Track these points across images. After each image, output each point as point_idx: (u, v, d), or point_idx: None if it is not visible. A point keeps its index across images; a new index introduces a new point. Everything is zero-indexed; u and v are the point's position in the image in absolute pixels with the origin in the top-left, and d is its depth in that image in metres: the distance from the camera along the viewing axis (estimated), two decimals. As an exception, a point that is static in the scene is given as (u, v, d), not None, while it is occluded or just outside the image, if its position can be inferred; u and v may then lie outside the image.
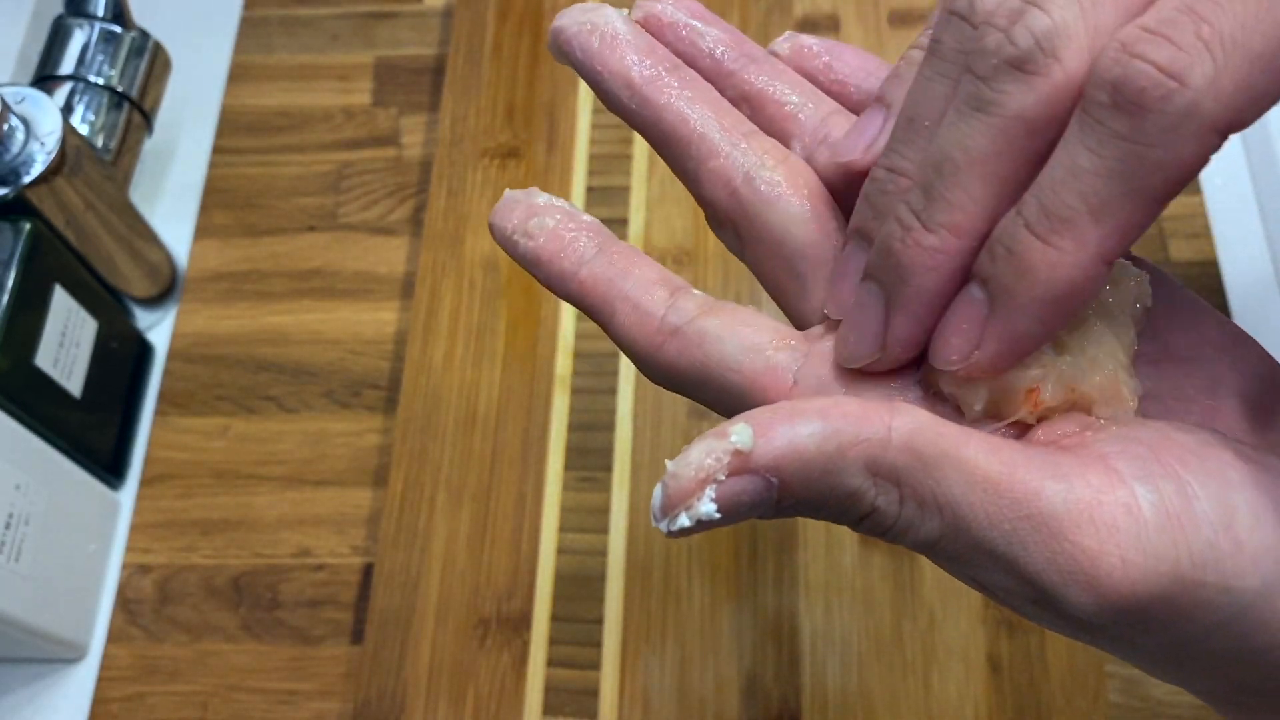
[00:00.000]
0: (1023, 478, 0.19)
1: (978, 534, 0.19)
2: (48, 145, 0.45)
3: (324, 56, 0.61)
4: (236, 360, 0.54)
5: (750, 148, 0.24)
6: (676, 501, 0.19)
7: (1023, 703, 0.43)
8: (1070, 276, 0.19)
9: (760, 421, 0.19)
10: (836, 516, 0.20)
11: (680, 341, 0.22)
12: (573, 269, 0.24)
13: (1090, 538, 0.19)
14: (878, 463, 0.19)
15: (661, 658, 0.45)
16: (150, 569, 0.50)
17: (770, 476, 0.19)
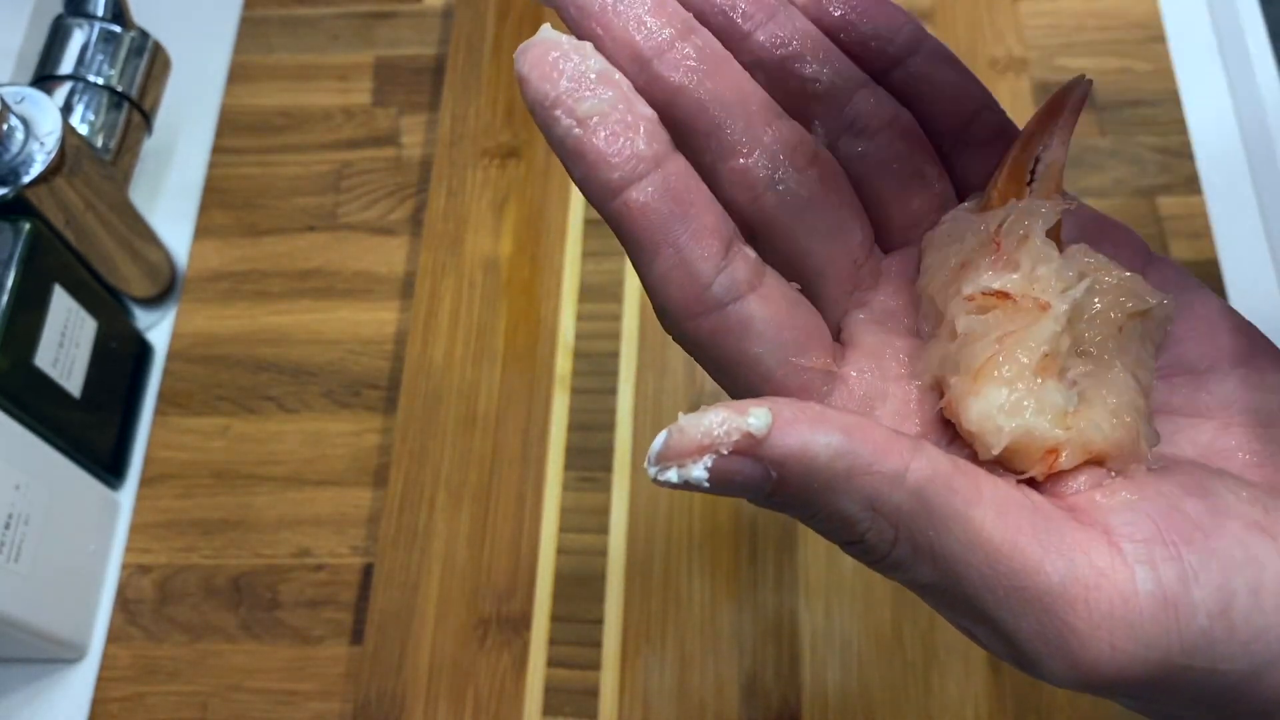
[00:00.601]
0: (1025, 548, 0.19)
1: (969, 592, 0.19)
2: (47, 145, 0.45)
3: (324, 56, 0.61)
4: (236, 360, 0.54)
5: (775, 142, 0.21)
6: (672, 455, 0.18)
7: (1023, 703, 0.43)
8: None
9: (783, 414, 0.18)
10: (823, 531, 0.20)
11: (719, 322, 0.20)
12: (620, 184, 0.20)
13: (1083, 620, 0.18)
14: (882, 499, 0.19)
15: (661, 658, 0.45)
16: (150, 569, 0.50)
17: (771, 469, 0.18)
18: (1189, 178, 0.54)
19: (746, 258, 0.21)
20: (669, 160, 0.20)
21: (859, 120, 0.23)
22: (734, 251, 0.20)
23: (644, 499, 0.48)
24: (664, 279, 0.20)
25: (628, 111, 0.20)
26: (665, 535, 0.47)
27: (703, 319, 0.20)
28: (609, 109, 0.19)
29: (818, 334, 0.21)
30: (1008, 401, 0.21)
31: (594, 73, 0.20)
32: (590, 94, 0.19)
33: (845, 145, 0.23)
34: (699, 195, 0.20)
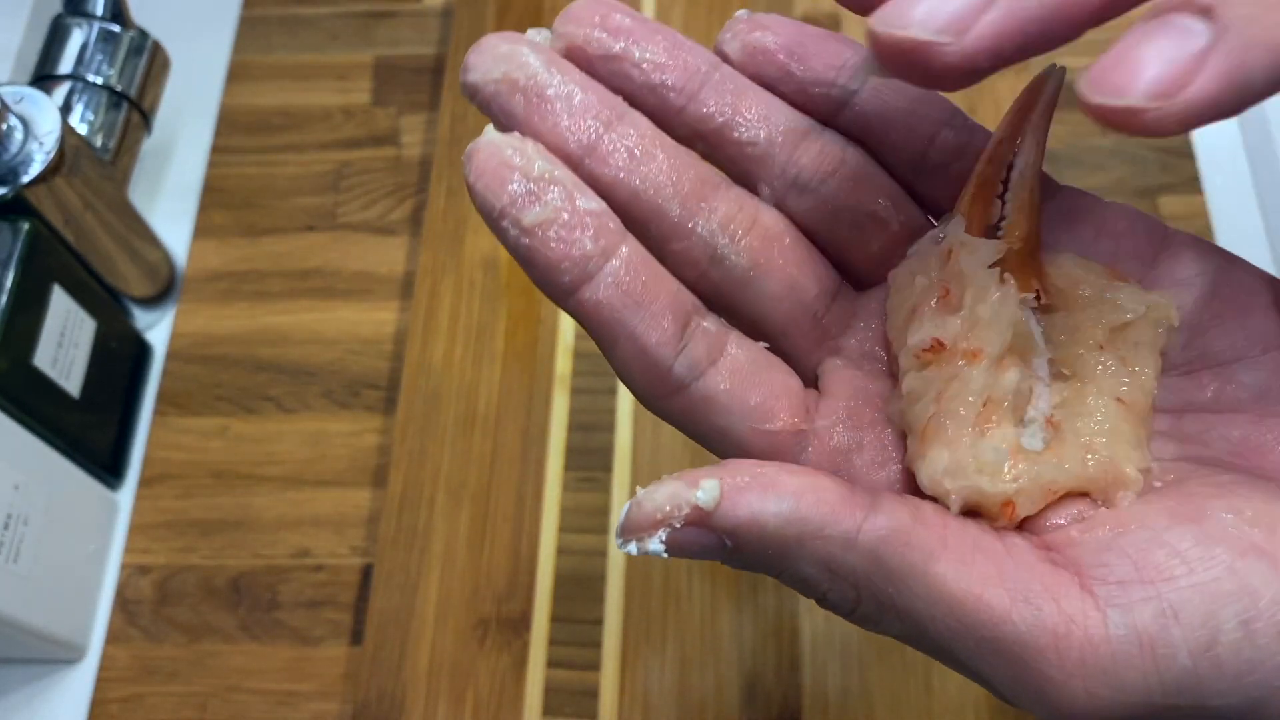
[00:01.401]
0: (989, 601, 0.18)
1: (941, 644, 0.19)
2: (46, 145, 0.45)
3: (323, 56, 0.61)
4: (235, 360, 0.54)
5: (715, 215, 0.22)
6: (630, 531, 0.19)
7: (1023, 703, 0.43)
8: None
9: (734, 484, 0.19)
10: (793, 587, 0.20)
11: (685, 402, 0.21)
12: (572, 285, 0.20)
13: (1055, 669, 0.18)
14: (835, 561, 0.19)
15: (661, 658, 0.45)
16: (149, 569, 0.49)
17: (725, 538, 0.19)
18: (1190, 177, 0.54)
19: (706, 333, 0.21)
20: (619, 250, 0.20)
21: (801, 175, 0.22)
22: (692, 328, 0.21)
23: (644, 499, 0.48)
24: (626, 366, 0.21)
25: (573, 212, 0.20)
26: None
27: (669, 400, 0.21)
28: (554, 215, 0.20)
29: (785, 394, 0.22)
30: (949, 463, 0.20)
31: (537, 175, 0.20)
32: (534, 201, 0.20)
33: (792, 200, 0.23)
34: (652, 279, 0.21)
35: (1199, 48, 0.15)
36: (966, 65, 0.16)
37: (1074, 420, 0.21)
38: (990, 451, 0.20)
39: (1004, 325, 0.21)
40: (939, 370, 0.21)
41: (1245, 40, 0.15)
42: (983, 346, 0.21)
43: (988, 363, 0.21)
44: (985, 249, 0.21)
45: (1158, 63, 0.15)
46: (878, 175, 0.23)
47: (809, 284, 0.22)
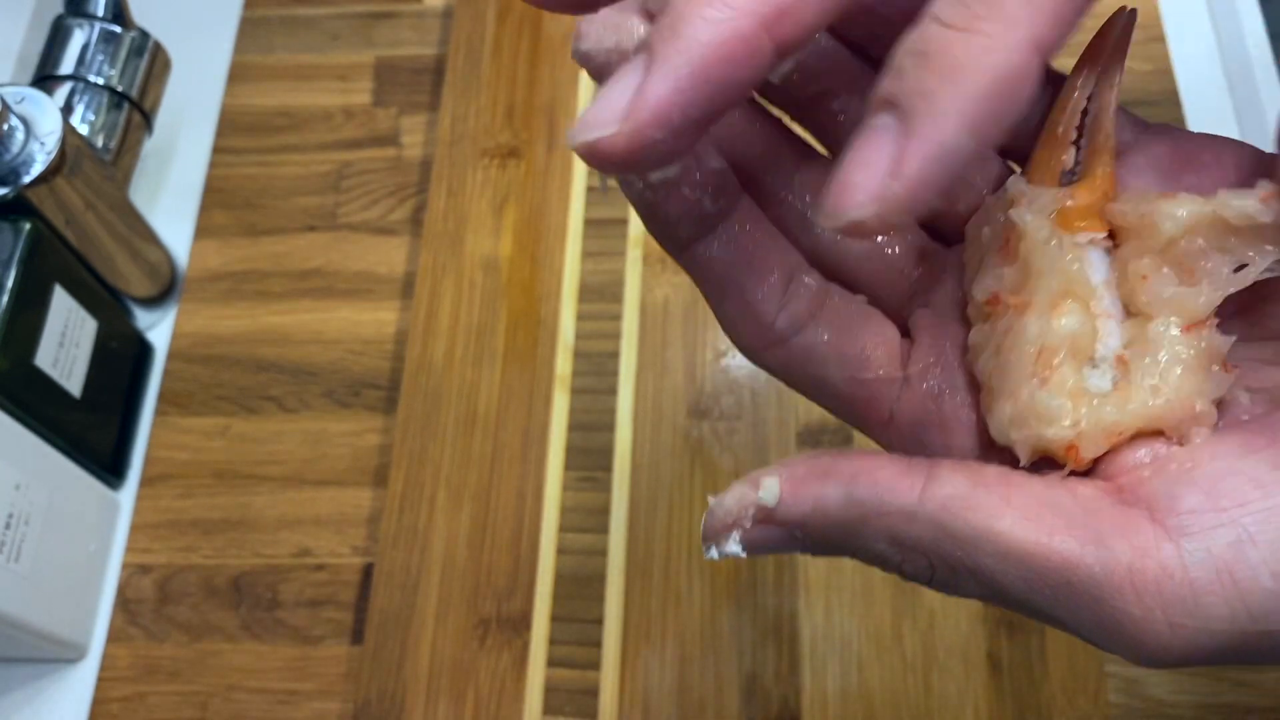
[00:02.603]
0: (1059, 548, 0.18)
1: (1019, 598, 0.19)
2: (47, 145, 0.45)
3: (324, 56, 0.61)
4: (236, 360, 0.54)
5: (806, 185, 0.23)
6: (709, 536, 0.21)
7: (1023, 703, 0.43)
8: (1003, 64, 0.16)
9: (791, 478, 0.20)
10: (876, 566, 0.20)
11: (786, 353, 0.22)
12: (688, 240, 0.22)
13: (1134, 605, 0.18)
14: (901, 535, 0.19)
15: (661, 658, 0.45)
16: (150, 569, 0.50)
17: (794, 530, 0.20)
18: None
19: (808, 288, 0.22)
20: (735, 211, 0.22)
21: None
22: (794, 285, 0.22)
23: (644, 499, 0.48)
24: (732, 319, 0.22)
25: (696, 171, 0.21)
26: (665, 535, 0.47)
27: (771, 352, 0.22)
28: (677, 172, 0.21)
29: (882, 344, 0.22)
30: (1012, 415, 0.21)
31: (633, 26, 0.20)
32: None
33: None
34: (762, 238, 0.22)
35: (894, 144, 0.16)
36: (641, 144, 0.17)
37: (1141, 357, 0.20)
38: (1047, 400, 0.20)
39: (1053, 273, 0.21)
40: (998, 323, 0.21)
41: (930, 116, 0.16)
42: (1032, 297, 0.21)
43: (1039, 312, 0.21)
44: (1042, 198, 0.21)
45: (864, 172, 0.16)
46: None
47: (896, 244, 0.23)
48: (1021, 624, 0.44)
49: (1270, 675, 0.44)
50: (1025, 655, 0.44)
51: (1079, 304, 0.21)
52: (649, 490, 0.48)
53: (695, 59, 0.16)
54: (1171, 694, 0.44)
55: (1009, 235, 0.22)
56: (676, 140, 0.17)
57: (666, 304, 0.52)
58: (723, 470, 0.48)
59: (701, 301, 0.51)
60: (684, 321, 0.51)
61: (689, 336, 0.51)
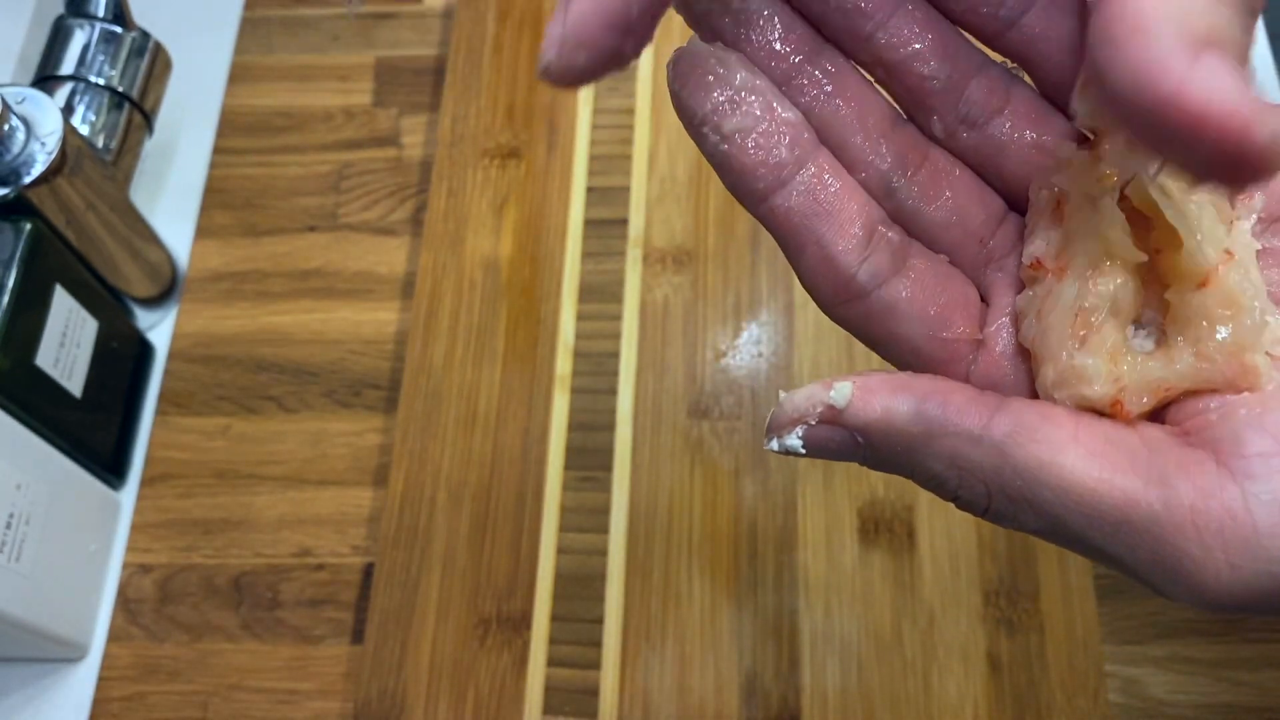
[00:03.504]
0: (1121, 484, 0.19)
1: (1077, 533, 0.19)
2: (48, 145, 0.45)
3: (324, 57, 0.61)
4: (237, 360, 0.54)
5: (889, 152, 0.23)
6: (773, 427, 0.21)
7: (1023, 703, 0.43)
8: None
9: (865, 385, 0.20)
10: (928, 488, 0.21)
11: (865, 307, 0.22)
12: (766, 191, 0.21)
13: (1194, 544, 0.18)
14: (962, 457, 0.19)
15: (661, 658, 0.45)
16: (151, 569, 0.50)
17: (857, 435, 0.20)
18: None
19: (890, 242, 0.22)
20: (812, 161, 0.21)
21: (970, 113, 0.23)
22: (876, 238, 0.22)
23: (644, 499, 0.48)
24: (812, 272, 0.22)
25: (771, 121, 0.21)
26: (665, 535, 0.47)
27: (850, 305, 0.22)
28: (753, 123, 0.21)
29: (963, 304, 0.22)
30: (1055, 376, 0.21)
31: (740, 86, 0.21)
32: (735, 110, 0.21)
33: (963, 134, 0.23)
34: (842, 189, 0.22)
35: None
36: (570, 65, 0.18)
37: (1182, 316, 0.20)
38: (1084, 360, 0.20)
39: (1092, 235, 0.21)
40: (1038, 287, 0.22)
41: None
42: (1071, 260, 0.21)
43: (1076, 274, 0.21)
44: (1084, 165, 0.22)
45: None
46: (1042, 109, 0.23)
47: (975, 212, 0.23)
48: (1021, 624, 0.44)
49: (1270, 675, 0.44)
50: (1025, 655, 0.44)
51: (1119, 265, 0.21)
52: (649, 490, 0.48)
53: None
54: (1171, 694, 0.44)
55: (1060, 199, 0.22)
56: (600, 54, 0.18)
57: (666, 304, 0.52)
58: (723, 470, 0.48)
59: (701, 301, 0.51)
60: (684, 321, 0.51)
61: (689, 336, 0.51)
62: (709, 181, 0.54)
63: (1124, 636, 0.45)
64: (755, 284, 0.52)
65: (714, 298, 0.52)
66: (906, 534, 0.46)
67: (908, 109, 0.23)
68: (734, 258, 0.52)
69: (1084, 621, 0.44)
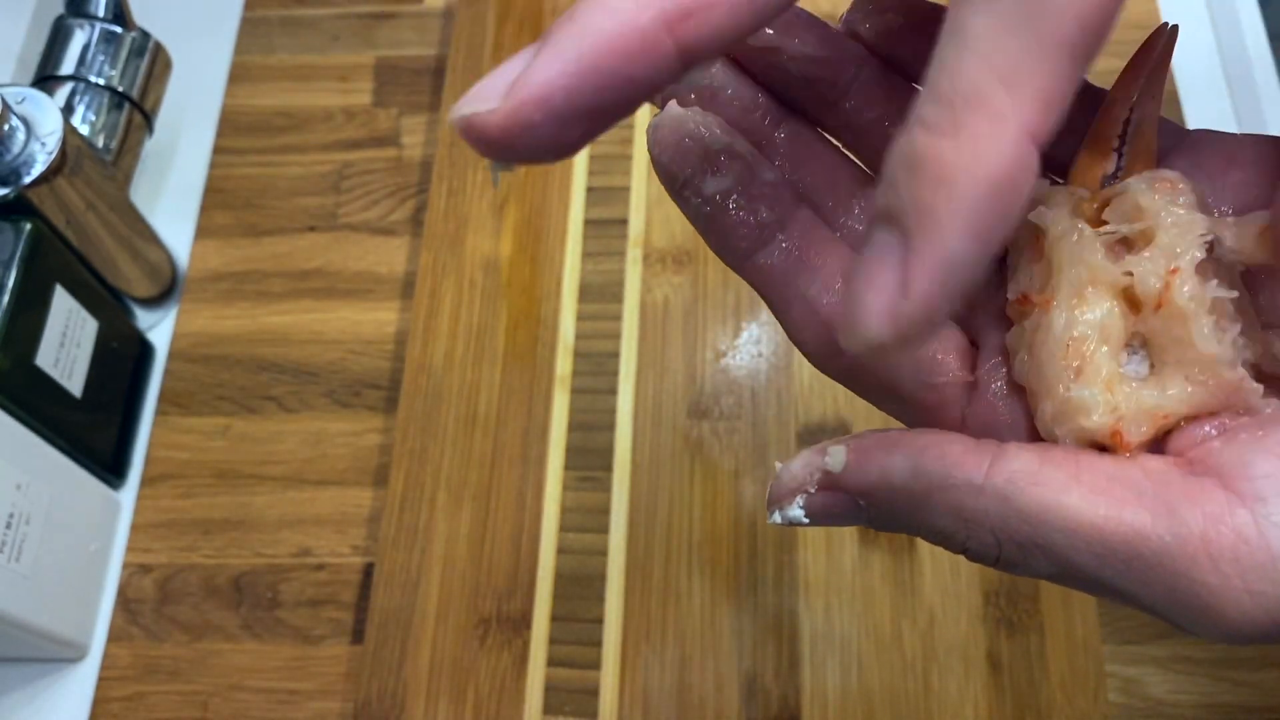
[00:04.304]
0: (1129, 520, 0.18)
1: (1090, 575, 0.19)
2: (48, 145, 0.45)
3: (324, 57, 0.61)
4: (237, 360, 0.54)
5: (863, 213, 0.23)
6: (773, 501, 0.21)
7: (1023, 703, 0.43)
8: (995, 165, 0.15)
9: (859, 447, 0.20)
10: (937, 544, 0.20)
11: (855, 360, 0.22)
12: (749, 251, 0.22)
13: (1210, 574, 0.18)
14: (967, 510, 0.19)
15: (661, 658, 0.45)
16: (151, 569, 0.50)
17: (859, 499, 0.20)
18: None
19: None
20: (793, 220, 0.22)
21: None
22: None
23: (644, 499, 0.48)
24: (799, 328, 0.22)
25: (751, 183, 0.21)
26: (665, 535, 0.47)
27: (840, 359, 0.22)
28: (733, 184, 0.21)
29: (953, 349, 0.22)
30: (1053, 411, 0.21)
31: (719, 149, 0.21)
32: (716, 172, 0.21)
33: None
34: (824, 245, 0.22)
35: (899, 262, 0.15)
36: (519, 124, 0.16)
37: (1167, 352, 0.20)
38: (1080, 391, 0.20)
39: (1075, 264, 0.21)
40: (1026, 322, 0.22)
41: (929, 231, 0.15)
42: (1056, 292, 0.21)
43: (1064, 305, 0.21)
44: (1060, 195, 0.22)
45: (875, 294, 0.15)
46: None
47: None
48: (1021, 624, 0.44)
49: (1270, 675, 0.44)
50: (1025, 655, 0.44)
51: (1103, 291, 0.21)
52: (649, 490, 0.48)
53: (587, 46, 0.16)
54: (1171, 694, 0.44)
55: (1036, 235, 0.22)
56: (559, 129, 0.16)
57: (666, 304, 0.52)
58: (723, 470, 0.48)
59: (701, 301, 0.51)
60: (684, 321, 0.51)
61: (689, 336, 0.51)
62: (709, 181, 0.54)
63: (1124, 636, 0.45)
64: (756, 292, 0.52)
65: (714, 298, 0.52)
66: (906, 534, 0.46)
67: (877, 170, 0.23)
68: (734, 258, 0.52)
69: (1084, 621, 0.44)
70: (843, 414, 0.49)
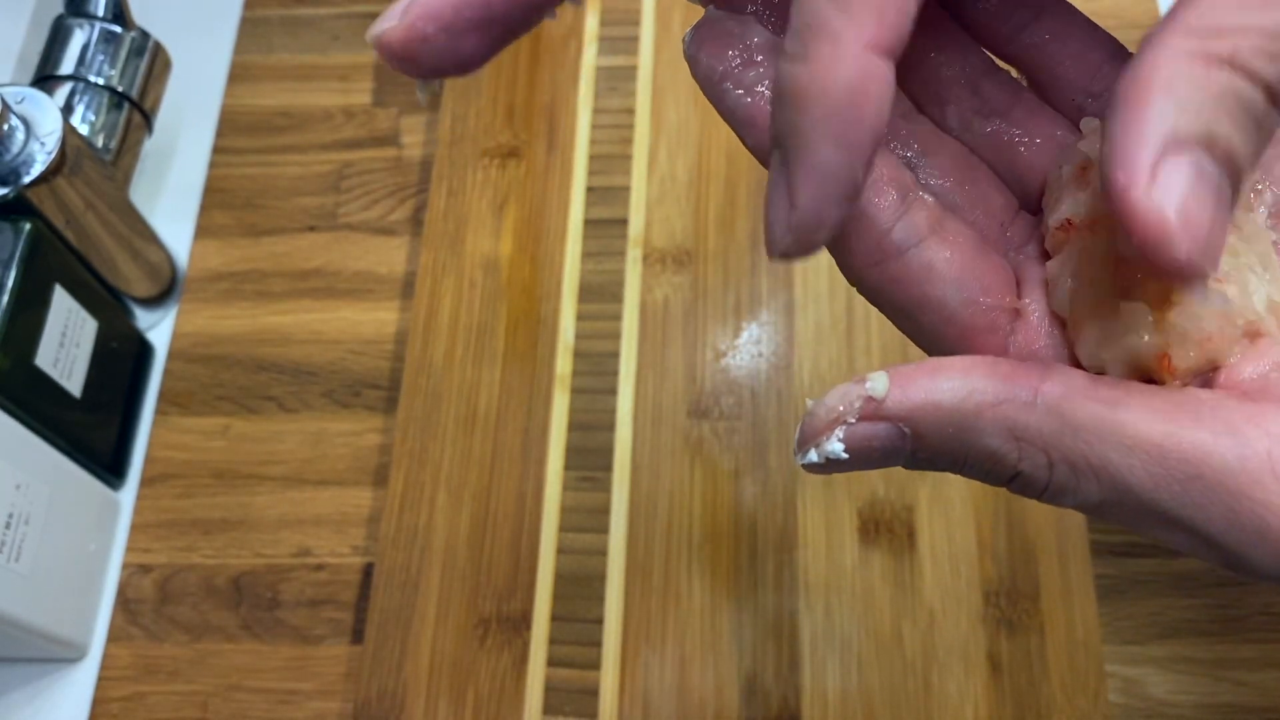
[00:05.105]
0: (1190, 437, 0.18)
1: (1144, 497, 0.18)
2: (48, 145, 0.45)
3: (324, 56, 0.61)
4: (237, 360, 0.54)
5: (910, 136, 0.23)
6: (808, 437, 0.20)
7: (1023, 703, 0.43)
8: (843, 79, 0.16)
9: (901, 373, 0.19)
10: (981, 475, 0.20)
11: (902, 268, 0.21)
12: None
13: (1275, 494, 0.17)
14: (1020, 427, 0.18)
15: (661, 658, 0.45)
16: (150, 569, 0.50)
17: (904, 426, 0.19)
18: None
19: (925, 203, 0.21)
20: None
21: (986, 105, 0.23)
22: (911, 199, 0.21)
23: (644, 499, 0.48)
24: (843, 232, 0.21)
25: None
26: (665, 535, 0.47)
27: (884, 265, 0.21)
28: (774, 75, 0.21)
29: (1003, 272, 0.22)
30: (1099, 334, 0.20)
31: (759, 45, 0.21)
32: (756, 64, 0.21)
33: (976, 127, 0.23)
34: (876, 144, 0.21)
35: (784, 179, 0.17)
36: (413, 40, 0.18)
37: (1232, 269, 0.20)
38: (1131, 308, 0.20)
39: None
40: (1073, 248, 0.21)
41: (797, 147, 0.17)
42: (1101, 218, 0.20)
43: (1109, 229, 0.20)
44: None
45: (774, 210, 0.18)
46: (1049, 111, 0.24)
47: (993, 195, 0.23)
48: (1021, 624, 0.44)
49: (1270, 675, 0.44)
50: (1025, 655, 0.44)
51: None
52: (649, 490, 0.48)
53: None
54: (1171, 694, 0.44)
55: (1084, 166, 0.22)
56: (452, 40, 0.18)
57: (666, 304, 0.52)
58: (723, 470, 0.48)
59: (701, 301, 0.51)
60: (684, 321, 0.51)
61: (689, 336, 0.51)
62: (709, 181, 0.54)
63: (1124, 636, 0.45)
64: (755, 284, 0.52)
65: (714, 298, 0.52)
66: (906, 534, 0.46)
67: (921, 101, 0.23)
68: (734, 258, 0.52)
69: (1084, 621, 0.44)
70: (843, 414, 0.49)
